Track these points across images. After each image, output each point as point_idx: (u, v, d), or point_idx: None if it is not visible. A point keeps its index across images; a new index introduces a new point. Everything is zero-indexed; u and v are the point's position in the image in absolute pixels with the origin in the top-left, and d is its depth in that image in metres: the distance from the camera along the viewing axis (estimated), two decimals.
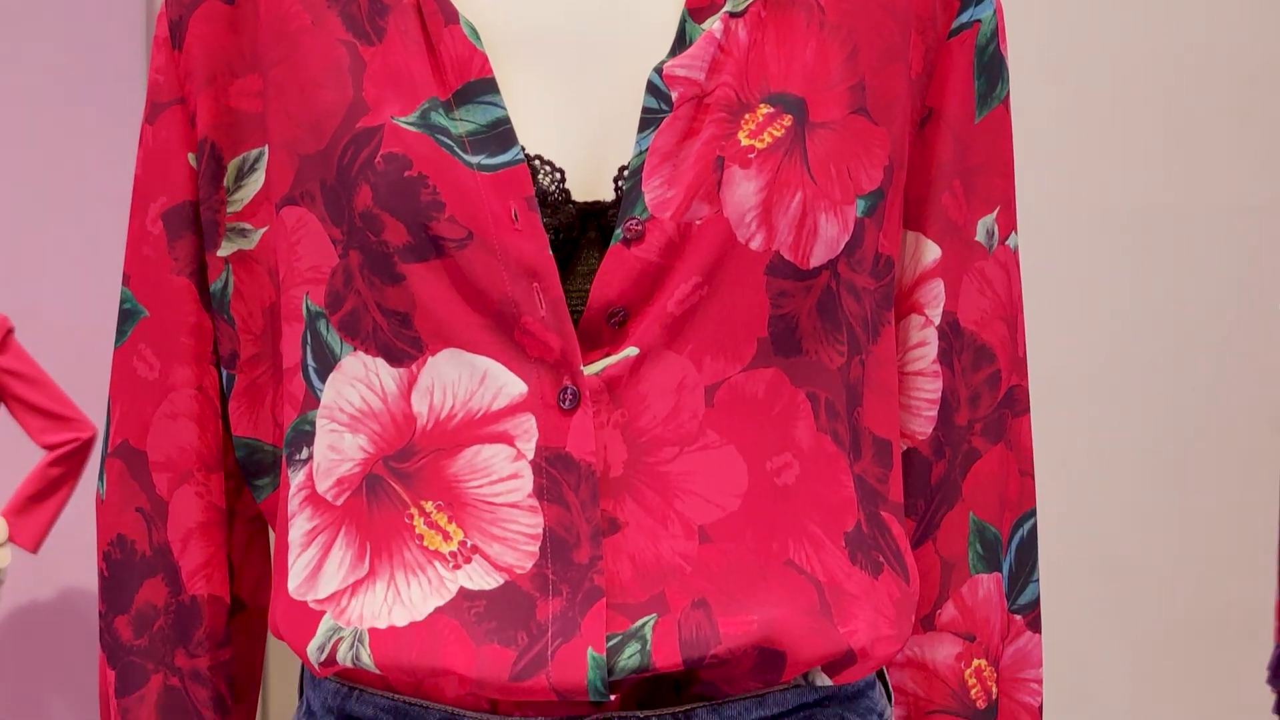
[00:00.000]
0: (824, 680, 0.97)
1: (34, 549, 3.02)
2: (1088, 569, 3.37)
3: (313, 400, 0.97)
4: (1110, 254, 3.32)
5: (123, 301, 1.05)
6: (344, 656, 0.94)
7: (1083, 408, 3.33)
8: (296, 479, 0.98)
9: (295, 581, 0.97)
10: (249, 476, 1.05)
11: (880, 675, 1.03)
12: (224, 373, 1.04)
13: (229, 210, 1.02)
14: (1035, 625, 1.08)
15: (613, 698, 0.92)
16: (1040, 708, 1.08)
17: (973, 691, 1.05)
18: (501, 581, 0.92)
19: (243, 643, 1.07)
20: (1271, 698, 2.97)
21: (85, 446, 3.02)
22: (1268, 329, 3.16)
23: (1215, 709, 3.39)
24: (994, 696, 1.06)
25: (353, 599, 0.95)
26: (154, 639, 1.03)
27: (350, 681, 0.97)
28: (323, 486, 0.96)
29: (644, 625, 0.92)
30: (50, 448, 3.02)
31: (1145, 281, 3.32)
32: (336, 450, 0.96)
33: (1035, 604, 1.08)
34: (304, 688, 1.01)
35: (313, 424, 0.97)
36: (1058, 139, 3.22)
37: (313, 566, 0.96)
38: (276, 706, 3.03)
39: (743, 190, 0.93)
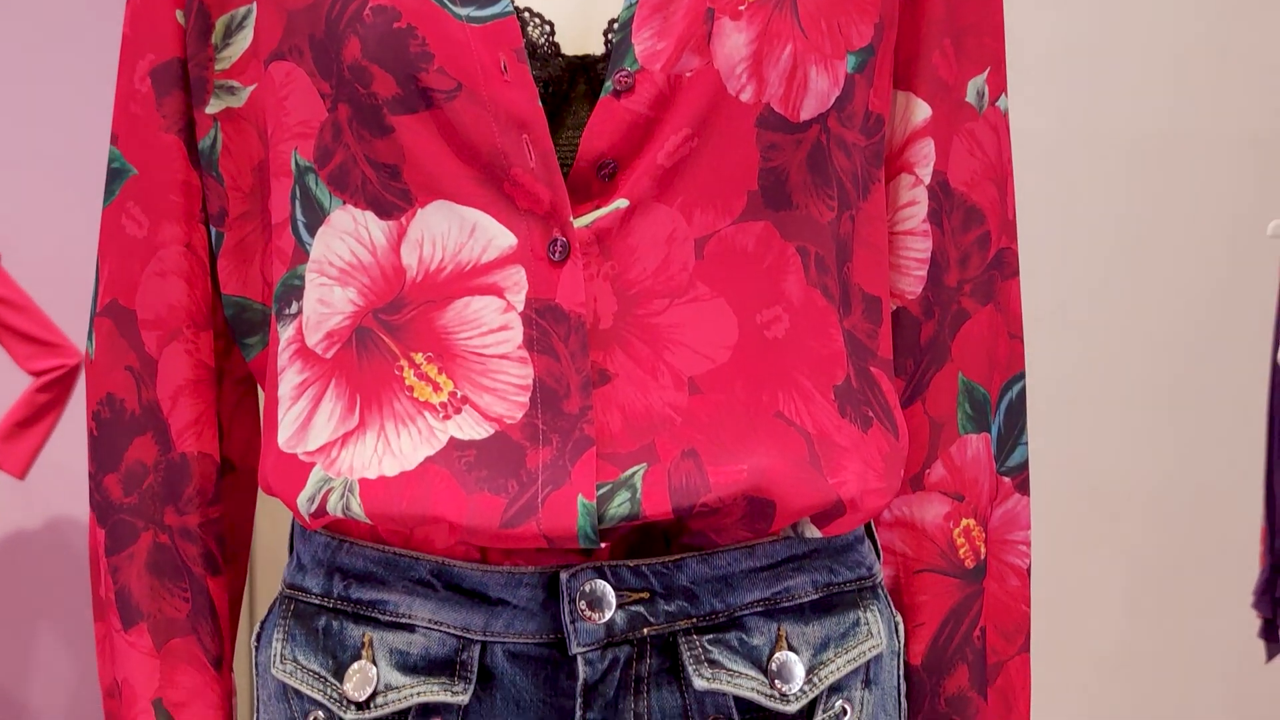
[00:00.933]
0: (813, 532, 0.97)
1: (21, 475, 3.02)
2: (1079, 493, 3.38)
3: (302, 255, 0.97)
4: (1107, 179, 3.32)
5: (111, 161, 1.04)
6: (334, 507, 0.94)
7: (1079, 331, 3.33)
8: (286, 333, 0.98)
9: (285, 434, 0.97)
10: (238, 335, 1.05)
11: (869, 532, 1.03)
12: (213, 230, 1.04)
13: (217, 68, 1.01)
14: (1024, 488, 1.08)
15: (603, 546, 0.92)
16: (1028, 570, 1.08)
17: (961, 551, 1.06)
18: (492, 432, 0.93)
19: (233, 503, 1.07)
20: (1257, 622, 2.98)
21: (72, 373, 3.02)
22: (1259, 252, 3.16)
23: (1203, 633, 3.41)
24: (982, 556, 1.06)
25: (343, 450, 0.95)
26: (143, 497, 1.03)
27: (340, 534, 0.97)
28: (312, 340, 0.96)
29: (634, 474, 0.92)
30: (37, 374, 3.01)
31: (1142, 204, 3.32)
32: (326, 304, 0.96)
33: (1024, 467, 1.09)
34: (294, 542, 1.01)
35: (302, 278, 0.97)
36: (1062, 65, 3.22)
37: (302, 419, 0.96)
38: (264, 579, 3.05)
39: (733, 42, 0.93)
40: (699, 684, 0.93)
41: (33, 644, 3.24)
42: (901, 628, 1.03)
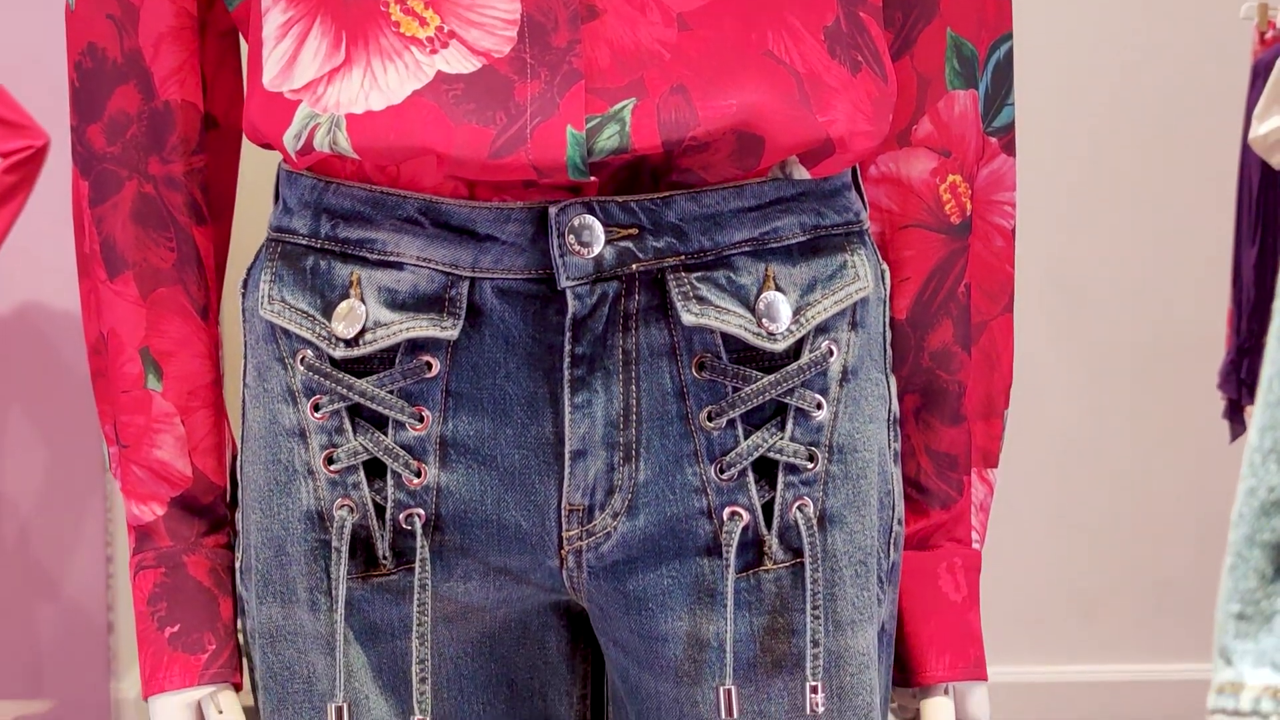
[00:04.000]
0: (801, 173, 0.97)
1: None
2: (1046, 290, 3.39)
3: None
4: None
5: None
6: (321, 142, 0.93)
7: (1046, 118, 3.33)
8: None
9: (270, 74, 0.96)
10: None
11: (856, 184, 1.03)
12: None
13: None
14: (1010, 149, 1.09)
15: (591, 180, 0.92)
16: (1013, 231, 1.09)
17: (947, 206, 1.06)
18: (479, 65, 0.92)
19: (217, 156, 1.06)
20: (1221, 403, 3.02)
21: (39, 154, 2.98)
22: (1233, 32, 3.14)
23: (1169, 417, 3.44)
24: (968, 213, 1.06)
25: (329, 87, 0.94)
26: (127, 146, 1.02)
27: (326, 175, 0.97)
28: None
29: (623, 108, 0.91)
30: (3, 155, 2.98)
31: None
32: None
33: (1010, 128, 1.09)
34: (279, 189, 1.00)
35: None
36: None
37: (288, 58, 0.95)
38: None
39: None
40: (687, 319, 0.94)
41: (2, 430, 3.24)
42: (888, 276, 1.04)
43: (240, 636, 1.04)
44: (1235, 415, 2.97)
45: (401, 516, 0.97)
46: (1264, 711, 0.55)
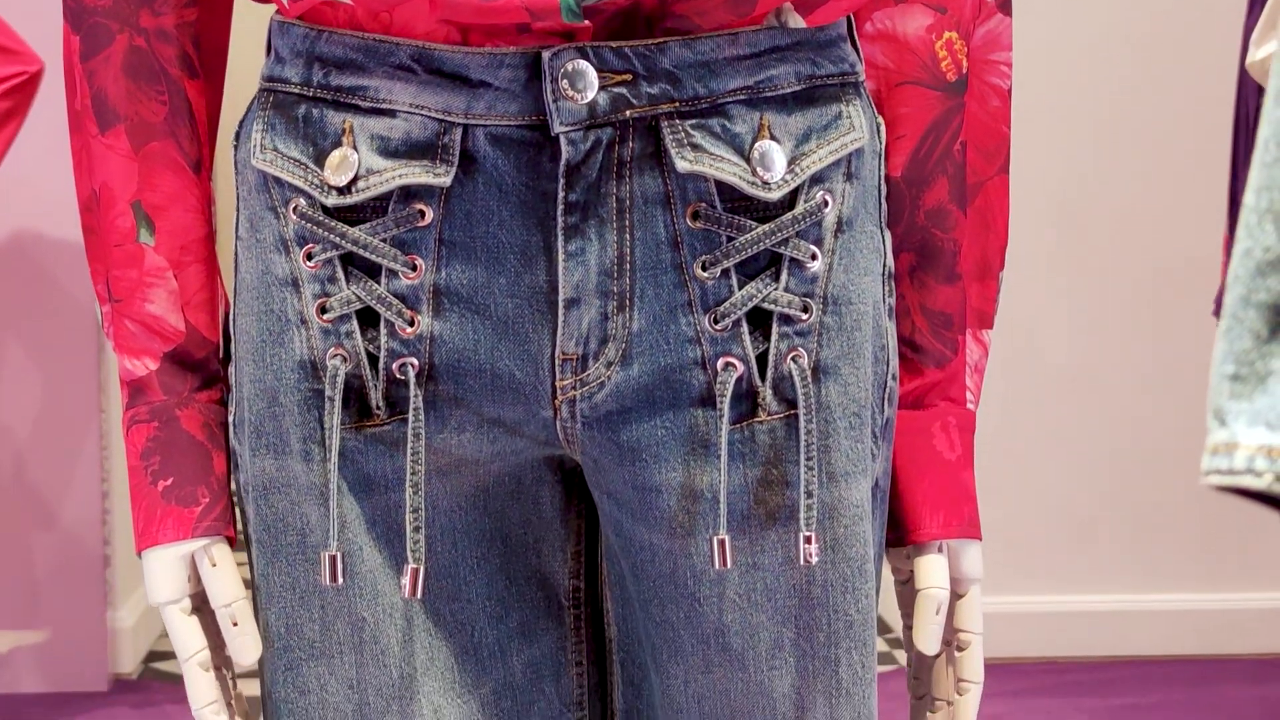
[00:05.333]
0: (797, 22, 0.96)
1: None
2: (1043, 220, 3.39)
3: None
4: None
5: None
6: None
7: (1046, 22, 3.32)
8: None
9: None
10: None
11: (852, 38, 1.02)
12: None
13: None
14: (1006, 9, 1.08)
15: (586, 24, 0.91)
16: (1009, 91, 1.09)
17: (943, 64, 1.05)
18: None
19: (209, 10, 1.05)
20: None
21: (33, 80, 2.97)
22: None
23: (1165, 345, 3.44)
24: (964, 70, 1.06)
25: None
26: None
27: (318, 24, 0.96)
28: None
29: None
30: None
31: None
32: None
33: None
34: (271, 40, 1.00)
35: None
36: None
37: None
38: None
39: None
40: (681, 166, 0.93)
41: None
42: (883, 129, 1.03)
43: (234, 491, 1.04)
44: None
45: (395, 366, 0.97)
46: (1258, 470, 0.55)
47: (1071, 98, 3.37)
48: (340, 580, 0.97)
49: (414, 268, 0.95)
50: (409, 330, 0.96)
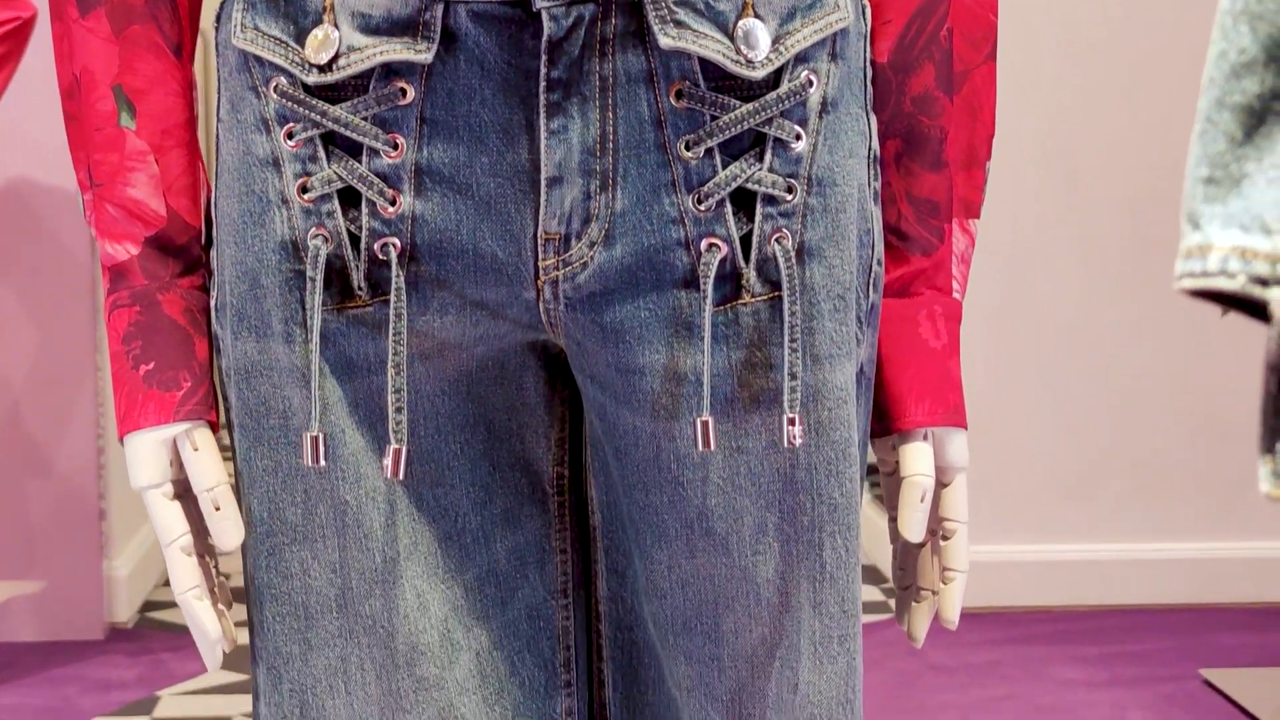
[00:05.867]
0: None
1: None
2: (1038, 166, 3.38)
3: None
4: None
5: None
6: None
7: None
8: None
9: None
10: None
11: None
12: None
13: None
14: None
15: None
16: None
17: None
18: None
19: None
20: None
21: (26, 25, 2.96)
22: None
23: (1160, 294, 3.44)
24: None
25: None
26: None
27: None
28: None
29: None
30: None
31: None
32: None
33: None
34: None
35: None
36: None
37: None
38: None
39: None
40: (664, 43, 0.93)
41: None
42: (868, 11, 1.03)
43: (216, 376, 1.04)
44: None
45: (376, 246, 0.96)
46: (1231, 271, 0.54)
47: (1063, 28, 3.36)
48: (322, 462, 0.97)
49: (395, 146, 0.95)
50: (390, 210, 0.96)
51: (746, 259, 0.97)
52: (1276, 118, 0.54)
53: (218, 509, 1.00)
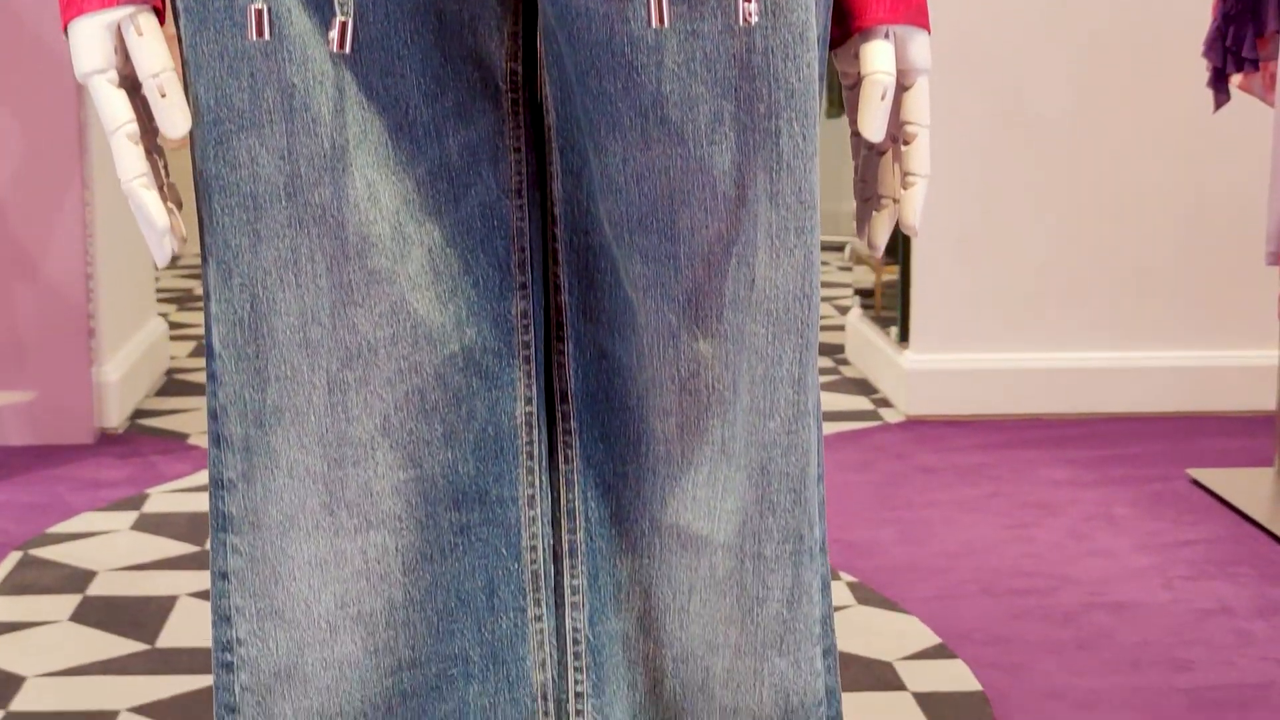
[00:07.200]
0: None
1: None
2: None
3: None
4: None
5: None
6: None
7: None
8: None
9: None
10: None
11: None
12: None
13: None
14: None
15: None
16: None
17: None
18: None
19: None
20: (1206, 73, 2.97)
21: None
22: None
23: (1155, 98, 3.41)
24: None
25: None
26: None
27: None
28: None
29: None
30: None
31: None
32: None
33: None
34: None
35: None
36: None
37: None
38: None
39: None
40: None
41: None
42: None
43: None
44: (1219, 84, 2.92)
45: None
46: None
47: None
48: (266, 35, 0.95)
49: None
50: None
51: None
52: None
53: (164, 96, 0.98)
